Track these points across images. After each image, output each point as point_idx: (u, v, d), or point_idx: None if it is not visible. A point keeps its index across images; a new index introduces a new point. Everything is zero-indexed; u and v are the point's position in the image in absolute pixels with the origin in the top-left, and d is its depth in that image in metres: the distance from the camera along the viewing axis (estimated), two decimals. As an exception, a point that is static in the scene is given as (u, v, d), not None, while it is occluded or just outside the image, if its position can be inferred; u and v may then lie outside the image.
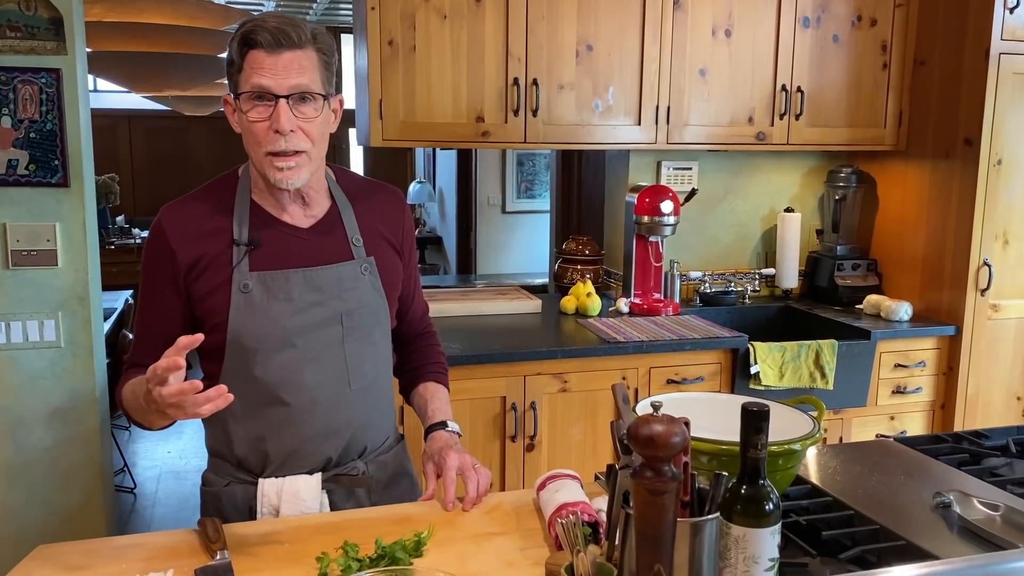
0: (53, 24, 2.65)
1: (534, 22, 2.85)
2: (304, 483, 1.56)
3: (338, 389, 1.57)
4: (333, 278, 1.56)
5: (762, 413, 1.04)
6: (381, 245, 1.65)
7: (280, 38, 1.43)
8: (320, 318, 1.54)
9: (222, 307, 1.51)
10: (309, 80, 1.45)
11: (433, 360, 1.81)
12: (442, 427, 1.67)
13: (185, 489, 4.51)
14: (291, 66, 1.43)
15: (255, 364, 1.51)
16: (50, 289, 2.77)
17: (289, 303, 1.52)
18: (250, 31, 1.44)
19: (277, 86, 1.43)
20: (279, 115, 1.43)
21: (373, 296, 1.60)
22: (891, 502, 1.52)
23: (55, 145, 2.69)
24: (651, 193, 3.17)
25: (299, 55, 1.45)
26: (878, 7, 3.21)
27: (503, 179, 7.49)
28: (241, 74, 1.46)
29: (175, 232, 1.53)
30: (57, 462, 2.87)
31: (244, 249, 1.52)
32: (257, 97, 1.44)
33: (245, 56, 1.44)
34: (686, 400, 1.66)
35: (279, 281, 1.52)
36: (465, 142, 2.85)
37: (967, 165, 3.03)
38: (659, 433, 0.99)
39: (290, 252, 1.55)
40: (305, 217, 1.58)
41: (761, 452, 1.05)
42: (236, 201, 1.57)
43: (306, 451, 1.56)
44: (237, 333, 1.51)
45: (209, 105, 7.14)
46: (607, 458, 2.82)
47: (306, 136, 1.47)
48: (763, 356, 2.86)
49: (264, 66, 1.43)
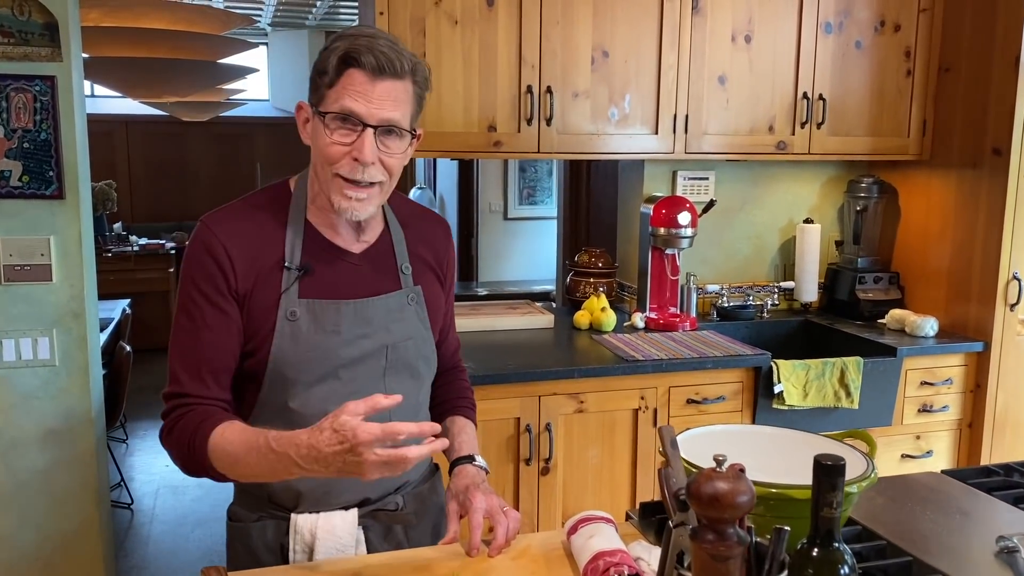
0: (48, 29, 2.54)
1: (548, 27, 2.75)
2: (340, 519, 1.46)
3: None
4: (381, 309, 1.47)
5: (838, 468, 0.93)
6: (426, 274, 1.57)
7: (385, 65, 1.33)
8: (366, 351, 1.45)
9: (265, 332, 1.40)
10: (401, 115, 1.37)
11: (462, 395, 1.71)
12: (469, 461, 1.55)
13: (183, 504, 4.40)
14: (387, 96, 1.34)
15: (294, 395, 1.41)
16: (44, 305, 2.66)
17: (337, 336, 1.43)
18: (355, 49, 1.33)
19: (369, 115, 1.33)
20: (363, 145, 1.34)
21: (418, 328, 1.53)
22: (950, 545, 1.41)
23: (50, 156, 2.58)
24: (668, 204, 3.06)
25: (398, 86, 1.35)
26: (902, 12, 3.11)
27: (505, 185, 7.40)
28: (332, 90, 1.35)
29: (233, 245, 1.40)
30: (51, 485, 2.76)
31: (295, 274, 1.42)
32: (342, 118, 1.34)
33: (342, 73, 1.34)
34: (715, 434, 1.55)
35: (329, 312, 1.43)
36: (477, 152, 2.74)
37: (996, 175, 2.93)
38: (724, 492, 0.88)
39: (340, 280, 1.45)
40: (358, 242, 1.49)
41: (836, 511, 0.94)
42: (290, 219, 1.46)
43: (343, 487, 1.46)
44: (279, 362, 1.41)
45: (208, 110, 7.03)
46: (625, 482, 2.71)
47: (385, 170, 1.38)
48: (787, 374, 2.75)
49: (360, 90, 1.33)
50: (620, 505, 2.71)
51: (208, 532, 4.07)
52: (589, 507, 2.69)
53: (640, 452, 2.70)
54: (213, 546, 3.93)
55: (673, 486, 1.04)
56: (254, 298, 1.41)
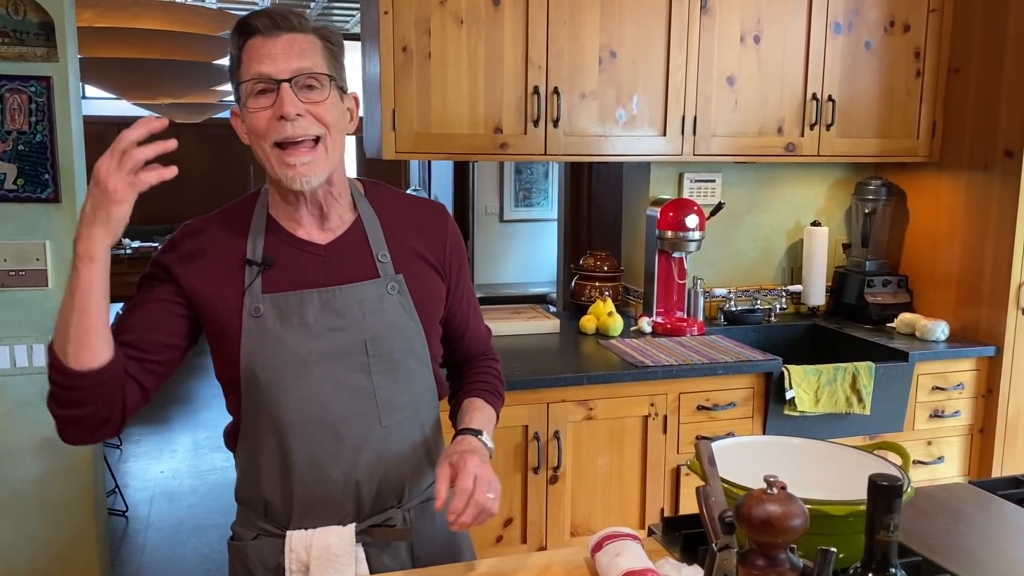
0: (43, 29, 2.48)
1: (555, 27, 2.69)
2: (335, 536, 1.39)
3: (367, 426, 1.39)
4: (354, 299, 1.39)
5: (895, 488, 0.88)
6: (415, 263, 1.46)
7: (279, 21, 1.30)
8: (340, 345, 1.37)
9: (234, 334, 1.35)
10: (312, 63, 1.32)
11: (484, 380, 1.59)
12: (474, 435, 1.43)
13: (179, 511, 4.33)
14: (291, 49, 1.30)
15: (271, 397, 1.36)
16: (40, 311, 2.60)
17: (304, 328, 1.36)
18: (246, 18, 1.31)
19: (277, 71, 1.29)
20: (282, 99, 1.29)
21: (403, 319, 1.42)
22: (988, 561, 1.36)
23: (45, 158, 2.52)
24: (675, 207, 3.01)
25: (299, 38, 1.32)
26: (911, 12, 3.07)
27: (501, 187, 7.36)
28: (240, 68, 1.32)
29: (188, 247, 1.38)
30: (47, 495, 2.69)
31: (257, 269, 1.37)
32: (260, 90, 1.30)
33: (243, 47, 1.31)
34: (741, 446, 1.50)
35: (292, 303, 1.36)
36: (482, 154, 2.68)
37: (1008, 178, 2.89)
38: (777, 516, 0.83)
39: (306, 272, 1.39)
40: (322, 232, 1.42)
41: (893, 535, 0.89)
42: (253, 218, 1.42)
43: (333, 497, 1.39)
44: (250, 362, 1.35)
45: (202, 112, 6.96)
46: (635, 491, 2.66)
47: (317, 120, 1.32)
48: (798, 380, 2.70)
49: (263, 52, 1.30)
50: (631, 514, 2.66)
51: (204, 539, 4.00)
52: (598, 516, 2.64)
53: (650, 460, 2.65)
54: (210, 554, 3.86)
55: (713, 506, 0.98)
56: (218, 302, 1.37)
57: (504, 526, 2.56)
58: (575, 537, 2.62)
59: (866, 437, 2.86)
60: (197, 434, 5.49)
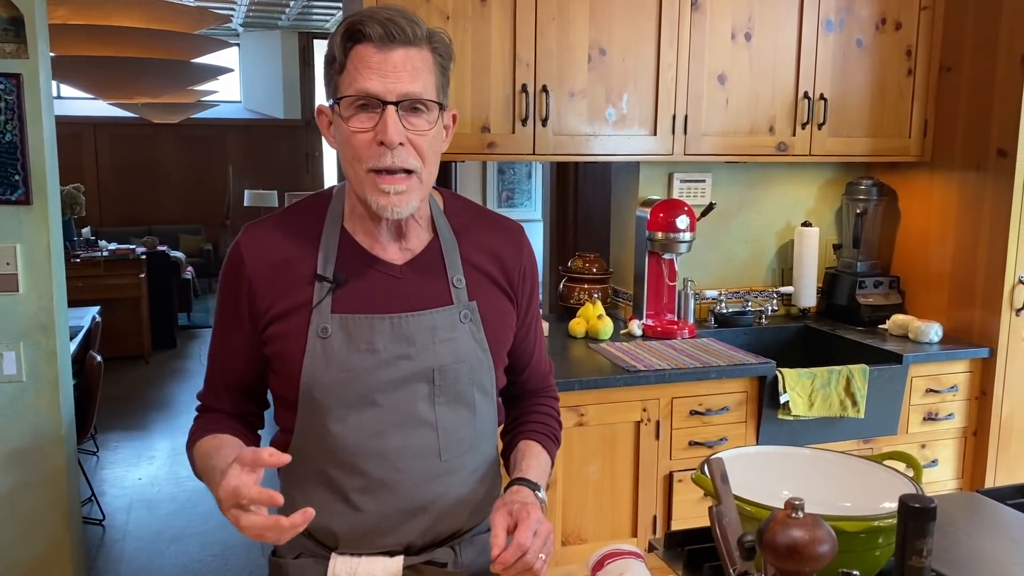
0: (13, 25, 2.39)
1: (544, 24, 2.63)
2: (382, 567, 1.31)
3: (426, 459, 1.31)
4: (426, 327, 1.30)
5: (928, 511, 0.82)
6: (488, 289, 1.38)
7: (394, 32, 1.20)
8: (408, 374, 1.29)
9: (297, 352, 1.27)
10: (423, 87, 1.22)
11: (542, 422, 1.49)
12: (530, 487, 1.33)
13: (158, 520, 4.22)
14: (403, 67, 1.21)
15: (330, 423, 1.28)
16: (10, 317, 2.50)
17: (372, 355, 1.28)
18: (357, 22, 1.20)
19: (386, 91, 1.20)
20: (386, 124, 1.20)
21: (473, 349, 1.34)
22: (1005, 577, 1.31)
23: (15, 158, 2.43)
24: (665, 208, 2.96)
25: (413, 54, 1.22)
26: (902, 10, 3.03)
27: (484, 188, 7.28)
28: (343, 75, 1.22)
29: (255, 259, 1.30)
30: (18, 508, 2.60)
31: (327, 287, 1.28)
32: (361, 105, 1.21)
33: (349, 53, 1.21)
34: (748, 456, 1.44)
35: (362, 328, 1.28)
36: (470, 154, 2.62)
37: (1001, 177, 2.85)
38: (804, 543, 0.77)
39: (378, 293, 1.30)
40: (400, 251, 1.34)
41: (926, 560, 0.83)
42: (325, 228, 1.33)
43: (384, 530, 1.31)
44: (310, 385, 1.27)
45: (179, 112, 6.86)
46: (627, 498, 2.60)
47: (416, 153, 1.24)
48: (792, 384, 2.66)
49: (372, 66, 1.20)
50: (623, 522, 2.61)
51: (184, 548, 3.90)
52: (590, 524, 2.58)
53: (642, 466, 2.59)
54: (189, 563, 3.77)
55: (727, 527, 0.92)
56: (284, 316, 1.29)
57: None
58: (566, 547, 2.55)
59: (860, 441, 2.82)
60: (176, 440, 5.38)
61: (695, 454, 2.63)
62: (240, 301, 1.31)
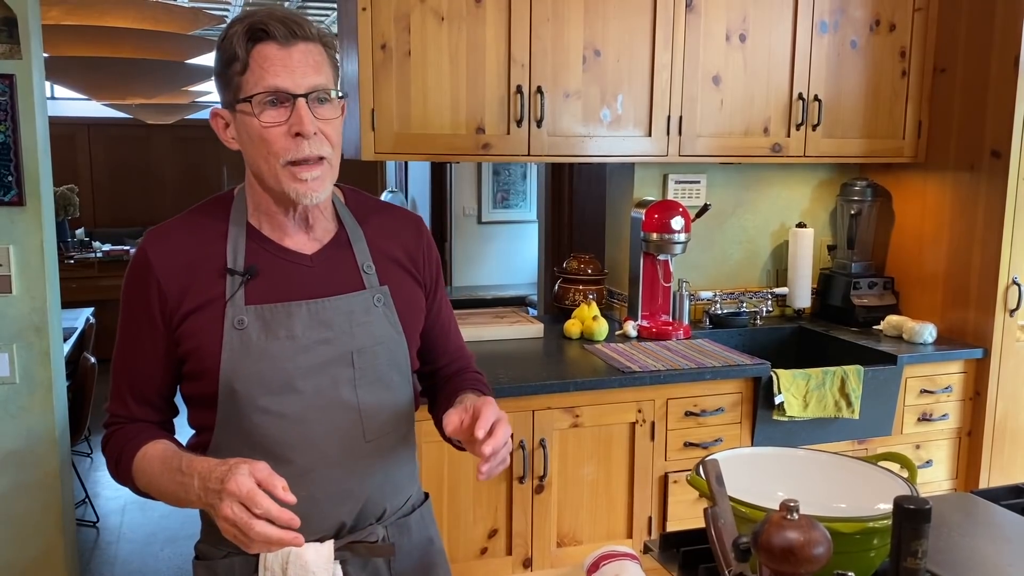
0: (6, 25, 2.38)
1: (538, 25, 2.63)
2: (313, 553, 1.32)
3: (352, 442, 1.34)
4: (343, 311, 1.34)
5: (923, 512, 0.82)
6: (397, 273, 1.43)
7: (295, 29, 1.24)
8: (328, 358, 1.32)
9: (213, 347, 1.28)
10: (326, 78, 1.29)
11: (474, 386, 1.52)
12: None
13: (152, 521, 4.21)
14: (305, 62, 1.25)
15: (252, 414, 1.29)
16: (3, 319, 2.49)
17: (291, 341, 1.30)
18: (258, 22, 1.24)
19: (295, 85, 1.24)
20: (301, 117, 1.24)
21: (388, 331, 1.38)
22: (1000, 578, 1.31)
23: (8, 160, 2.42)
24: (660, 209, 2.96)
25: (312, 48, 1.27)
26: (896, 11, 3.04)
27: (479, 189, 7.28)
28: (247, 74, 1.25)
29: (161, 260, 1.31)
30: (11, 510, 2.58)
31: (239, 279, 1.30)
32: (270, 101, 1.24)
33: (251, 52, 1.24)
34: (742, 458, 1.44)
35: (280, 315, 1.30)
36: (464, 155, 2.61)
37: (994, 178, 2.86)
38: (799, 545, 0.77)
39: (292, 282, 1.33)
40: (309, 242, 1.37)
41: (922, 562, 0.83)
42: (231, 224, 1.34)
43: (315, 516, 1.32)
44: (230, 378, 1.28)
45: (173, 113, 6.83)
46: (622, 499, 2.60)
47: (327, 140, 1.28)
48: (787, 385, 2.66)
49: (277, 63, 1.24)
50: (618, 523, 2.61)
51: (178, 551, 3.89)
52: (585, 526, 2.58)
53: (637, 467, 2.59)
54: (183, 565, 3.76)
55: (723, 529, 0.92)
56: (196, 315, 1.30)
57: (489, 537, 2.49)
58: (561, 548, 2.55)
59: (855, 442, 2.82)
60: (170, 442, 5.36)
61: (690, 455, 2.63)
62: (151, 305, 1.31)
